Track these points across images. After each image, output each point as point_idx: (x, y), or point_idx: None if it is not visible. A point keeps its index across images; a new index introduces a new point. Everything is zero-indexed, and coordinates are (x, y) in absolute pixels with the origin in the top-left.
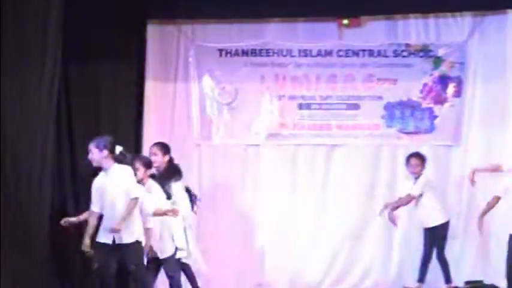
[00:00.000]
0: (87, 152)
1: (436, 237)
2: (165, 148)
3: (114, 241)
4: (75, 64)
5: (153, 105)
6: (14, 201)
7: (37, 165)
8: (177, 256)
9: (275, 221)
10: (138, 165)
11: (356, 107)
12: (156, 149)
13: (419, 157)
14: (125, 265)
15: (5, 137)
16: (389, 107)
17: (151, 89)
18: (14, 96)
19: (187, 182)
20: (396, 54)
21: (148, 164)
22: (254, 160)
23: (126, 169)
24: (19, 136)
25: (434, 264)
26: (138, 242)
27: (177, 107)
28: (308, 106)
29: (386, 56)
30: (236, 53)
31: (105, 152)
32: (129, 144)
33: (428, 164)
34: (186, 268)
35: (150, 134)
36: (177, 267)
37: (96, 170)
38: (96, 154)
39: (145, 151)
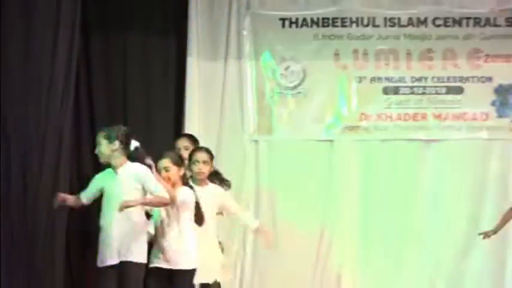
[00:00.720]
0: (94, 146)
1: None
2: (196, 142)
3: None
4: (98, 38)
5: (197, 90)
6: (17, 203)
7: (51, 160)
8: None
9: (353, 235)
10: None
11: (458, 90)
12: (188, 143)
13: None
14: None
15: (5, 127)
16: (501, 91)
17: (195, 69)
18: (18, 77)
19: (242, 186)
20: (510, 23)
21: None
22: (326, 159)
23: (141, 167)
24: (27, 126)
25: None
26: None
27: (228, 92)
28: (396, 90)
29: (497, 25)
30: (304, 23)
31: (116, 144)
32: (166, 138)
33: None
34: None
35: (193, 127)
36: None
37: (102, 168)
38: (105, 147)
39: None
